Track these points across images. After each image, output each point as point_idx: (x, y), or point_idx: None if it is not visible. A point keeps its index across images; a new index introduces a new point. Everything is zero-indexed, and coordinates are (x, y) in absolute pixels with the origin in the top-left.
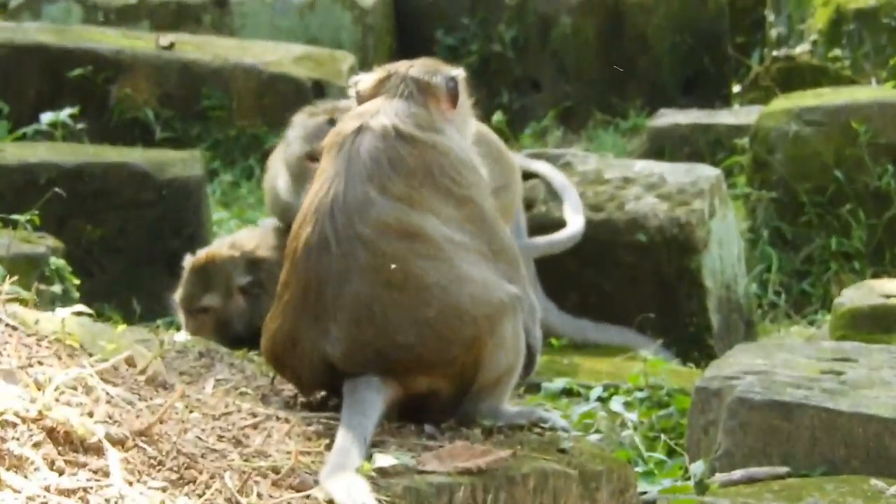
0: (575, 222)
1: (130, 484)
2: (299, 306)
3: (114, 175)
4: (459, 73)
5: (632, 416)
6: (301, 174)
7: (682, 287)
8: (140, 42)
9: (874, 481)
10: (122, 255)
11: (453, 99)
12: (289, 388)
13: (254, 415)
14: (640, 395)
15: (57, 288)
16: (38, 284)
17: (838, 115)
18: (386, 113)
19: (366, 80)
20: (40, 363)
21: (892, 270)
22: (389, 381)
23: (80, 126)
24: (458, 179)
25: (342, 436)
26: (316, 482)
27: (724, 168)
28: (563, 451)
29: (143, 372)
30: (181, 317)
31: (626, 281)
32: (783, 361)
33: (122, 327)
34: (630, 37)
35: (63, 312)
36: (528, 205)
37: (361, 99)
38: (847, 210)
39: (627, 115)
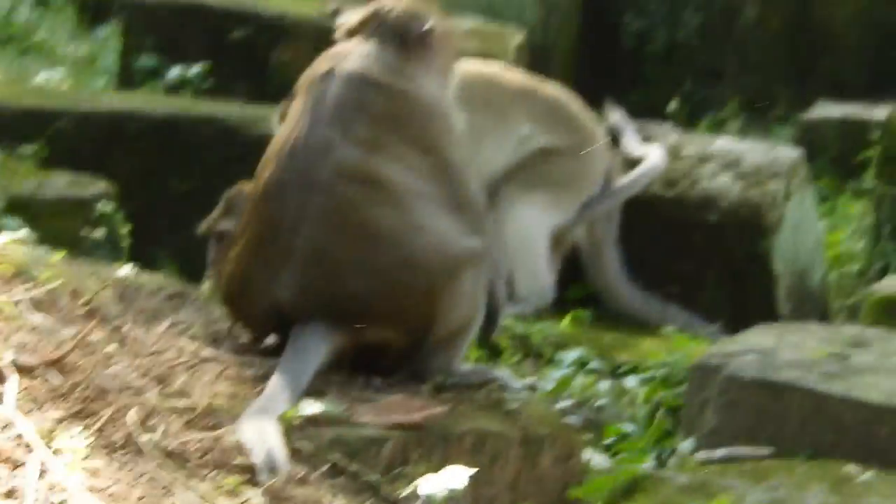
0: (652, 153)
1: (28, 412)
2: (254, 249)
3: (203, 130)
4: (432, 24)
5: (637, 389)
6: None
7: (751, 271)
8: (305, 7)
9: (849, 466)
10: (209, 210)
11: (424, 48)
12: (247, 335)
13: (193, 356)
14: (660, 372)
15: (100, 233)
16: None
17: None
18: (356, 56)
19: (351, 18)
20: None
21: None
22: (337, 329)
23: (207, 84)
24: (426, 128)
25: (274, 381)
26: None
27: (857, 162)
28: (509, 412)
29: (86, 304)
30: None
31: (696, 262)
32: (793, 342)
33: (60, 255)
34: (816, 31)
35: (2, 237)
36: None
37: (345, 37)
38: None
39: (808, 110)
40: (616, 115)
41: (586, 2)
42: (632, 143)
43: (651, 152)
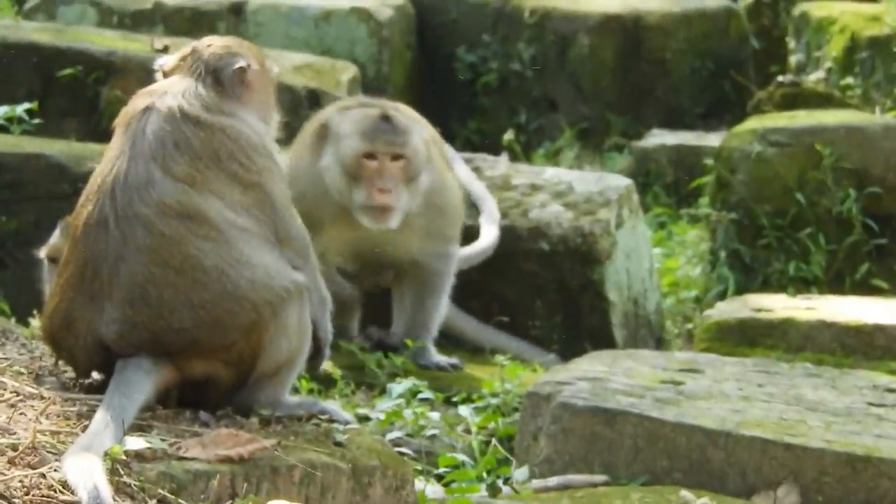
0: (488, 233)
1: None
2: (76, 285)
3: (30, 167)
4: (245, 62)
5: (471, 419)
6: (357, 173)
7: (584, 298)
8: (134, 44)
9: (683, 492)
10: (36, 247)
11: (240, 86)
12: (72, 370)
13: (16, 393)
14: (494, 400)
15: None
16: None
17: (803, 137)
18: (174, 93)
19: (171, 58)
20: None
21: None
22: (162, 363)
23: (36, 122)
24: (247, 164)
25: (98, 417)
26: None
27: (691, 188)
28: (338, 443)
29: None
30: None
31: (529, 290)
32: (625, 369)
33: None
34: (649, 59)
35: None
36: None
37: (165, 76)
38: (807, 234)
39: (643, 138)
40: (463, 172)
41: (419, 36)
42: (464, 175)
43: (486, 231)
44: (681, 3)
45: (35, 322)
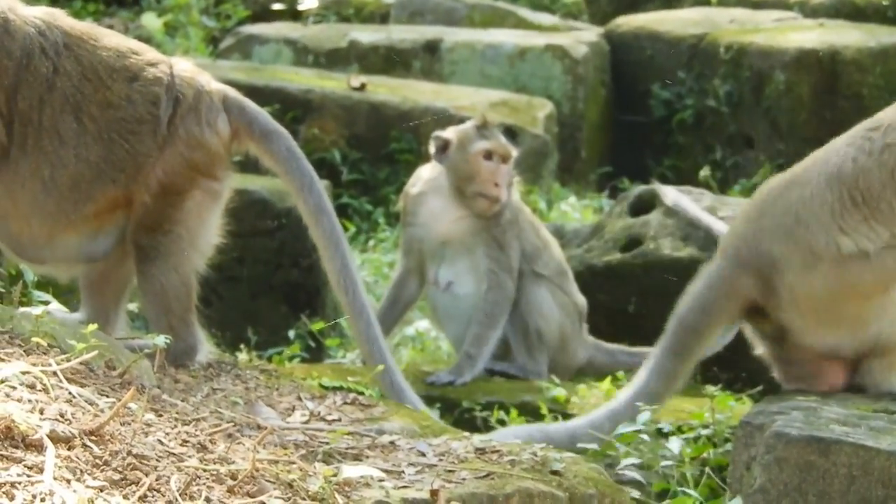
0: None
1: (67, 482)
2: None
3: (233, 202)
4: None
5: (678, 450)
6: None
7: None
8: (331, 82)
9: None
10: (240, 283)
11: None
12: (287, 400)
13: (233, 423)
14: (705, 431)
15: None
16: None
17: None
18: None
19: None
20: (2, 359)
21: None
22: None
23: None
24: None
25: None
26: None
27: None
28: (555, 472)
29: (121, 375)
30: None
31: None
32: (839, 399)
33: (93, 326)
34: (845, 95)
35: (37, 310)
36: (639, 240)
37: None
38: None
39: None
40: (671, 194)
41: (614, 73)
42: (700, 215)
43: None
44: (877, 38)
45: (243, 356)
